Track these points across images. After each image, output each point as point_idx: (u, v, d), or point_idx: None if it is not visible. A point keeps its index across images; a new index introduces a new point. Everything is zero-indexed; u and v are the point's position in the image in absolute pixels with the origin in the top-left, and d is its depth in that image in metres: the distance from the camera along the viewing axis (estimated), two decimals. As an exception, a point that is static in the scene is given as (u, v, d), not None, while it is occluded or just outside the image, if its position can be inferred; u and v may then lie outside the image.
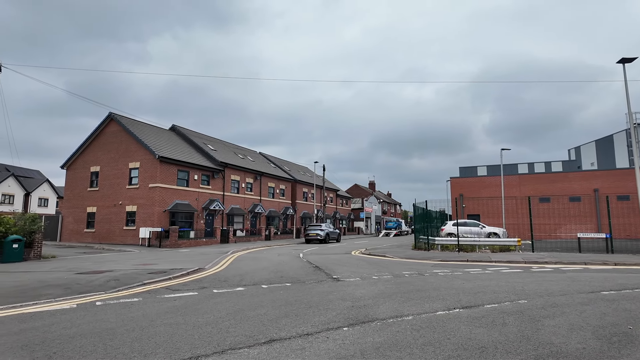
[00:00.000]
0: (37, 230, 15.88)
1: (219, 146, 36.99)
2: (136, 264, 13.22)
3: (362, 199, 65.51)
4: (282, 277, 10.19)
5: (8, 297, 7.19)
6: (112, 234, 26.82)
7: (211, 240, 28.05)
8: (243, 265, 13.66)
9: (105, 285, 8.65)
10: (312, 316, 5.83)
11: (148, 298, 7.39)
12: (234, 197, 33.38)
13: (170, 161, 26.72)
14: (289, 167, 49.11)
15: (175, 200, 27.02)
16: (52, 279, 9.67)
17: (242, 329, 5.13)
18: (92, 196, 28.50)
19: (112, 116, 28.58)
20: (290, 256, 17.41)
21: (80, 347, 4.43)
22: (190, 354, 4.19)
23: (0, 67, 14.56)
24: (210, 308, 6.46)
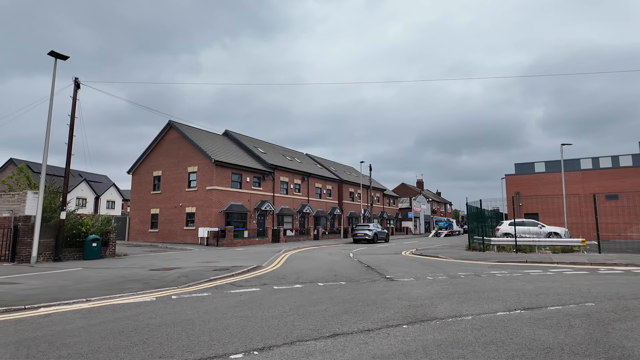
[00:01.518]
0: (111, 230, 17.53)
1: (268, 149, 38.25)
2: (199, 262, 14.20)
3: (410, 199, 64.33)
4: (336, 276, 10.50)
5: (99, 290, 8.15)
6: (174, 234, 28.75)
7: (263, 240, 29.14)
8: (297, 263, 14.17)
9: (176, 280, 9.48)
10: (371, 313, 6.06)
11: (216, 293, 8.02)
12: (283, 198, 34.37)
13: (224, 165, 28.15)
14: (335, 167, 49.51)
15: (230, 201, 28.40)
16: (130, 274, 10.73)
17: (306, 323, 5.48)
18: (155, 199, 30.74)
19: (172, 124, 30.64)
20: (340, 256, 17.71)
21: (167, 334, 5.01)
22: (262, 344, 4.59)
23: (79, 84, 16.28)
24: (274, 303, 6.91)
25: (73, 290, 8.15)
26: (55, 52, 14.57)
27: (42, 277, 10.31)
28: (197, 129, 33.03)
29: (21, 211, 14.64)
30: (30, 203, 14.59)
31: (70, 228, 15.70)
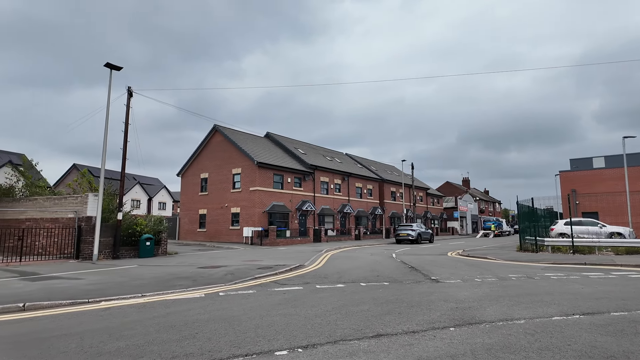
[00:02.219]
0: (163, 230, 18.51)
1: (307, 150, 38.61)
2: (244, 260, 14.63)
3: (456, 198, 62.16)
4: (379, 276, 10.38)
5: (152, 286, 8.64)
6: (220, 233, 29.84)
7: (305, 239, 29.44)
8: (338, 263, 14.17)
9: (223, 278, 9.82)
10: (415, 315, 5.93)
11: (260, 290, 8.22)
12: (323, 198, 34.53)
13: (267, 166, 28.80)
14: (376, 166, 48.96)
15: (272, 201, 29.00)
16: (180, 272, 11.28)
17: (349, 323, 5.46)
18: (202, 200, 32.08)
19: (217, 128, 31.84)
20: (382, 256, 17.49)
21: (215, 329, 5.20)
22: (306, 341, 4.64)
23: (132, 92, 17.37)
24: (317, 302, 6.96)
25: (129, 286, 8.70)
26: (111, 64, 15.64)
27: (102, 273, 11.11)
28: (240, 132, 34.06)
29: (84, 212, 15.87)
30: (91, 204, 15.77)
31: (126, 228, 16.77)
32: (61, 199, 17.08)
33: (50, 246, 15.77)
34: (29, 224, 17.01)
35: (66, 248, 15.62)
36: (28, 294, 7.54)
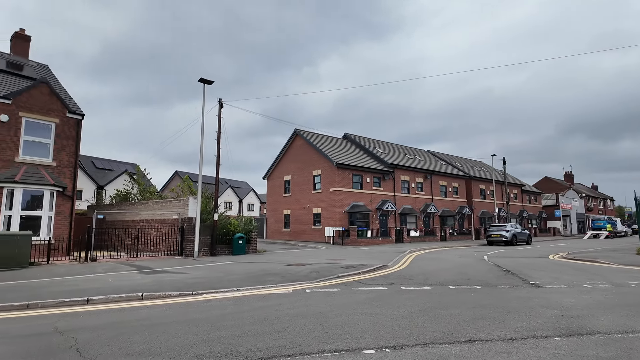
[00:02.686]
0: (253, 230, 19.80)
1: (387, 148, 38.00)
2: (327, 259, 14.95)
3: (557, 194, 55.73)
4: (469, 280, 9.79)
5: (245, 281, 9.31)
6: (303, 233, 30.91)
7: (386, 240, 29.02)
8: (423, 264, 13.70)
9: (308, 275, 10.17)
10: (513, 321, 5.47)
11: (345, 289, 8.33)
12: (405, 198, 33.65)
13: (345, 167, 29.06)
14: (461, 163, 46.20)
15: (352, 202, 29.15)
16: (269, 268, 11.96)
17: (438, 326, 5.26)
18: (286, 201, 33.58)
19: (297, 132, 33.08)
20: (472, 258, 16.45)
21: (304, 325, 5.41)
22: (394, 342, 4.58)
23: (222, 104, 18.92)
24: (402, 303, 6.83)
25: (226, 280, 9.49)
26: (204, 79, 17.24)
27: (202, 269, 12.28)
28: (319, 134, 34.88)
29: (185, 214, 17.72)
30: (192, 207, 17.54)
31: (221, 227, 18.31)
32: (167, 202, 19.29)
33: (159, 244, 17.91)
34: (143, 224, 19.53)
35: (172, 246, 17.59)
36: (145, 285, 8.67)
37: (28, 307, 6.69)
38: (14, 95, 15.08)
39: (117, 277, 10.08)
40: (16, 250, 12.01)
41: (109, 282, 9.17)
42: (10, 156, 14.82)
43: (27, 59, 19.77)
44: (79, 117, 16.73)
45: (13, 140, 14.95)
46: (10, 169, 14.71)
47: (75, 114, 16.63)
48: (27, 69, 18.33)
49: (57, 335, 4.92)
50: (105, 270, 11.36)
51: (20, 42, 19.73)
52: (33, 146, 15.51)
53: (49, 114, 15.90)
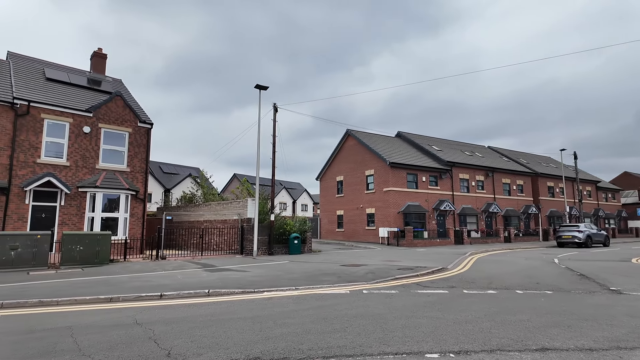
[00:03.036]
0: (307, 230, 20.14)
1: (443, 146, 36.64)
2: (383, 260, 14.78)
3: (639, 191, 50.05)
4: (538, 284, 9.15)
5: (302, 280, 9.51)
6: (357, 233, 30.82)
7: (444, 241, 27.98)
8: (486, 267, 13.03)
9: (365, 276, 10.14)
10: (591, 330, 5.03)
11: (403, 291, 8.19)
12: (464, 197, 32.20)
13: (399, 166, 28.49)
14: (526, 159, 43.19)
15: (407, 202, 28.50)
16: (325, 268, 12.10)
17: (506, 332, 4.99)
18: (339, 201, 33.71)
19: (349, 132, 33.07)
20: (541, 261, 15.33)
21: (363, 325, 5.41)
22: (457, 347, 4.43)
23: (277, 108, 19.49)
24: (465, 307, 6.56)
25: (284, 279, 9.76)
26: (259, 85, 17.88)
27: (261, 267, 12.74)
28: (372, 134, 34.55)
29: (244, 214, 18.50)
30: (250, 208, 18.27)
31: (277, 228, 18.86)
32: (228, 203, 20.27)
33: (221, 243, 18.88)
34: (206, 224, 20.70)
35: (233, 245, 18.45)
36: (210, 282, 9.20)
37: (111, 300, 7.40)
38: (95, 109, 16.76)
39: (185, 274, 10.80)
40: (98, 249, 13.31)
41: (178, 278, 9.86)
42: (92, 164, 16.49)
43: (103, 74, 21.88)
44: (148, 126, 18.17)
45: (94, 149, 16.62)
46: (92, 176, 16.37)
47: (146, 123, 18.08)
48: (104, 84, 20.28)
49: (137, 327, 5.40)
50: (174, 268, 12.22)
51: (98, 60, 21.87)
52: (110, 154, 17.12)
53: (123, 124, 17.45)
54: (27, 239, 12.18)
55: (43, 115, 15.58)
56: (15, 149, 14.85)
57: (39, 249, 12.22)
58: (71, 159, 16.00)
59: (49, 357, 4.17)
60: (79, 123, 16.33)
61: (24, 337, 4.90)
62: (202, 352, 4.31)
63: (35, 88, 16.69)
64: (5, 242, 11.84)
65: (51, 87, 17.46)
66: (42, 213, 15.33)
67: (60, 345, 4.54)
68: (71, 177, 15.90)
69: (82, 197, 15.92)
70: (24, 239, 12.13)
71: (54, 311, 6.49)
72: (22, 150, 15.00)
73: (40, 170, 15.30)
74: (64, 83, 18.33)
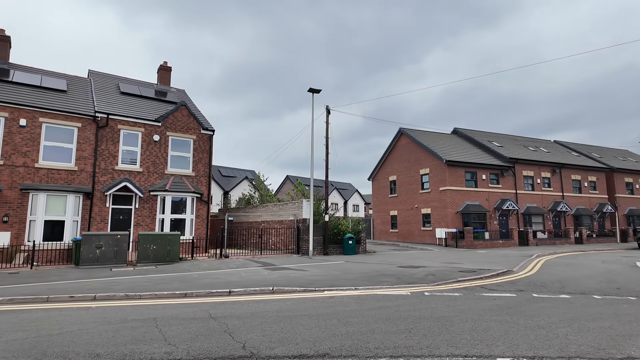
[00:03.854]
0: (362, 230, 20.14)
1: (504, 142, 34.69)
2: (442, 262, 14.38)
3: None
4: (619, 289, 8.42)
5: (361, 281, 9.59)
6: (412, 234, 30.18)
7: (508, 242, 26.48)
8: (557, 270, 12.19)
9: (425, 278, 9.97)
10: (688, 342, 4.58)
11: (467, 294, 7.95)
12: (528, 195, 30.22)
13: (457, 164, 27.46)
14: (599, 153, 39.52)
15: (466, 201, 27.37)
16: (383, 269, 12.06)
17: (585, 339, 4.70)
18: (392, 201, 33.24)
19: (402, 131, 32.50)
20: (620, 264, 14.02)
21: (429, 327, 5.38)
22: (532, 352, 4.26)
23: (329, 110, 19.74)
24: (537, 312, 6.25)
25: (343, 279, 9.90)
26: (312, 89, 18.26)
27: (319, 267, 13.00)
28: (426, 131, 33.64)
29: (300, 215, 18.95)
30: (305, 208, 18.68)
31: (332, 228, 19.09)
32: (284, 205, 20.89)
33: (278, 243, 19.50)
34: (264, 225, 21.50)
35: (289, 244, 18.98)
36: (273, 280, 9.59)
37: (185, 295, 8.02)
38: (162, 118, 18.14)
39: (249, 272, 11.34)
40: (169, 248, 14.40)
41: (243, 276, 10.39)
42: (161, 169, 17.85)
43: (169, 86, 23.57)
44: (210, 133, 19.29)
45: (163, 156, 17.98)
46: (162, 180, 17.73)
47: (208, 130, 19.22)
48: (170, 94, 21.85)
49: (212, 321, 5.82)
50: (237, 266, 12.88)
51: (164, 72, 23.61)
52: (177, 160, 18.42)
53: (188, 132, 18.69)
54: (110, 239, 13.52)
55: (119, 126, 17.18)
56: (97, 158, 16.53)
57: (119, 248, 13.51)
58: (143, 165, 17.46)
59: (142, 344, 4.66)
60: (149, 132, 17.77)
61: (119, 327, 5.51)
62: (274, 346, 4.56)
63: (112, 101, 18.44)
64: (92, 242, 13.25)
65: (125, 100, 19.18)
66: (120, 215, 16.90)
67: (150, 335, 5.05)
68: (144, 182, 17.35)
69: (153, 200, 17.30)
70: (107, 239, 13.48)
71: (138, 304, 7.18)
72: (102, 158, 16.66)
73: (118, 177, 16.88)
74: (135, 96, 20.05)
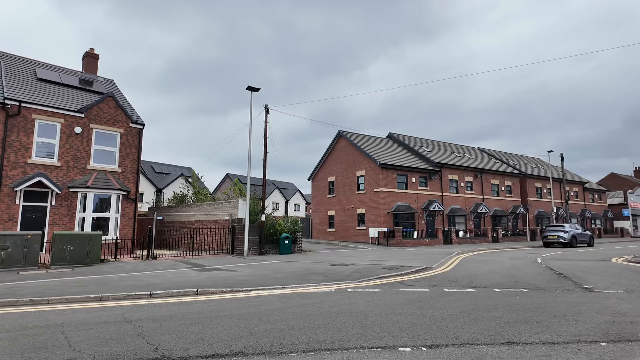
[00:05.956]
0: (298, 230, 20.38)
1: (433, 147, 37.12)
2: (371, 260, 15.08)
3: (625, 192, 51.15)
4: (517, 283, 9.51)
5: (290, 279, 9.76)
6: (348, 233, 31.14)
7: (433, 241, 28.41)
8: (470, 267, 13.39)
9: (351, 275, 10.42)
10: (558, 326, 5.36)
11: (386, 290, 8.48)
12: (453, 197, 32.70)
13: (389, 167, 28.86)
14: (515, 160, 43.90)
15: (397, 202, 28.88)
16: (314, 268, 12.36)
17: (477, 328, 5.29)
18: (330, 202, 34.00)
19: (341, 133, 33.37)
20: (524, 260, 15.76)
21: (344, 322, 5.68)
22: (430, 341, 4.72)
23: (268, 109, 19.70)
24: (443, 305, 6.87)
25: (272, 279, 10.00)
26: (251, 87, 18.08)
27: (251, 267, 12.96)
28: (363, 135, 34.89)
29: (235, 215, 18.68)
30: (241, 208, 18.46)
31: (268, 228, 19.07)
32: (219, 204, 20.42)
33: (212, 243, 19.03)
34: (197, 225, 20.83)
35: (224, 245, 18.61)
36: (200, 282, 9.40)
37: (101, 299, 7.58)
38: (86, 109, 16.83)
39: (175, 273, 10.98)
40: (89, 249, 13.42)
41: (168, 278, 10.04)
42: (83, 164, 16.55)
43: (96, 75, 21.89)
44: (140, 127, 18.26)
45: (85, 150, 16.69)
46: (83, 176, 16.44)
47: (137, 123, 18.18)
48: (96, 84, 20.31)
49: (126, 324, 5.60)
50: (164, 268, 12.38)
51: (91, 60, 21.88)
52: (102, 154, 17.20)
53: (114, 124, 17.53)
54: (18, 239, 12.25)
55: (34, 116, 15.62)
56: (6, 149, 14.88)
57: (29, 249, 12.30)
58: (62, 160, 16.06)
59: (42, 352, 4.36)
60: (70, 123, 16.38)
61: (17, 334, 5.08)
62: (188, 347, 4.54)
63: (27, 88, 16.70)
64: (-5, 242, 11.91)
65: (42, 87, 17.48)
66: (33, 213, 15.38)
67: (52, 342, 4.74)
68: (62, 178, 15.96)
69: (73, 197, 15.99)
70: (14, 239, 12.20)
71: (45, 310, 6.66)
72: (12, 150, 15.03)
73: (31, 171, 15.35)
74: (55, 83, 18.35)
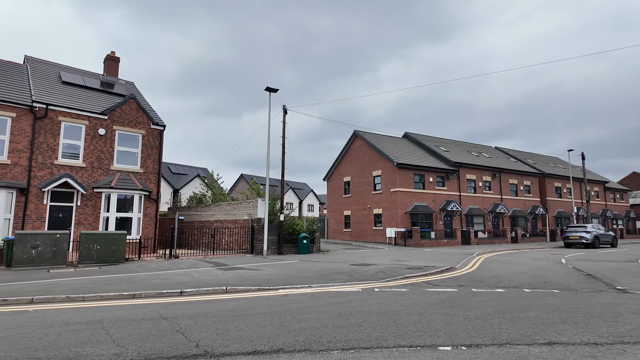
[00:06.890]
0: (316, 230, 20.42)
1: (450, 147, 36.73)
2: (391, 260, 15.01)
3: (647, 192, 49.67)
4: (546, 283, 9.35)
5: (315, 279, 9.79)
6: (364, 233, 31.05)
7: (452, 241, 28.11)
8: (494, 267, 13.22)
9: (375, 275, 10.39)
10: (597, 326, 5.26)
11: (414, 290, 8.43)
12: (471, 197, 32.30)
13: (407, 166, 28.68)
14: (533, 159, 43.11)
15: (414, 202, 28.67)
16: (336, 267, 12.37)
17: (514, 328, 5.23)
18: (346, 202, 33.96)
19: (356, 133, 33.31)
20: (548, 261, 15.47)
21: (378, 321, 5.68)
22: (469, 341, 4.68)
23: (286, 110, 19.80)
24: (475, 305, 6.80)
25: (297, 277, 10.05)
26: (269, 87, 18.21)
27: (273, 266, 13.04)
28: (379, 135, 34.75)
29: (255, 214, 18.82)
30: (260, 208, 18.60)
31: (287, 228, 19.16)
32: (238, 204, 20.61)
33: (232, 242, 19.22)
34: (217, 224, 21.06)
35: (243, 244, 18.78)
36: (227, 280, 9.51)
37: (134, 296, 7.74)
38: (109, 111, 17.19)
39: (200, 272, 11.13)
40: (114, 248, 13.70)
41: (195, 276, 10.19)
42: (107, 165, 16.92)
43: (117, 77, 22.34)
44: (161, 128, 18.57)
45: (109, 151, 17.05)
46: (107, 176, 16.80)
47: (158, 125, 18.49)
48: (117, 86, 20.73)
49: (163, 321, 5.71)
50: (188, 267, 12.56)
51: (112, 63, 22.34)
52: (124, 155, 17.54)
53: (136, 126, 17.87)
54: (47, 238, 12.60)
55: (60, 118, 16.04)
56: (34, 151, 15.31)
57: (58, 248, 12.63)
58: (87, 161, 16.44)
59: (87, 347, 4.49)
60: (94, 125, 16.77)
61: (60, 330, 5.24)
62: (228, 343, 4.60)
63: (52, 91, 17.16)
64: (26, 241, 12.27)
65: (67, 90, 17.92)
66: (59, 213, 15.78)
67: (96, 337, 4.87)
68: (87, 178, 16.34)
69: (97, 197, 16.35)
70: (44, 238, 12.55)
71: (81, 307, 6.84)
72: (40, 152, 15.46)
73: (58, 172, 15.75)
74: (78, 86, 18.80)
